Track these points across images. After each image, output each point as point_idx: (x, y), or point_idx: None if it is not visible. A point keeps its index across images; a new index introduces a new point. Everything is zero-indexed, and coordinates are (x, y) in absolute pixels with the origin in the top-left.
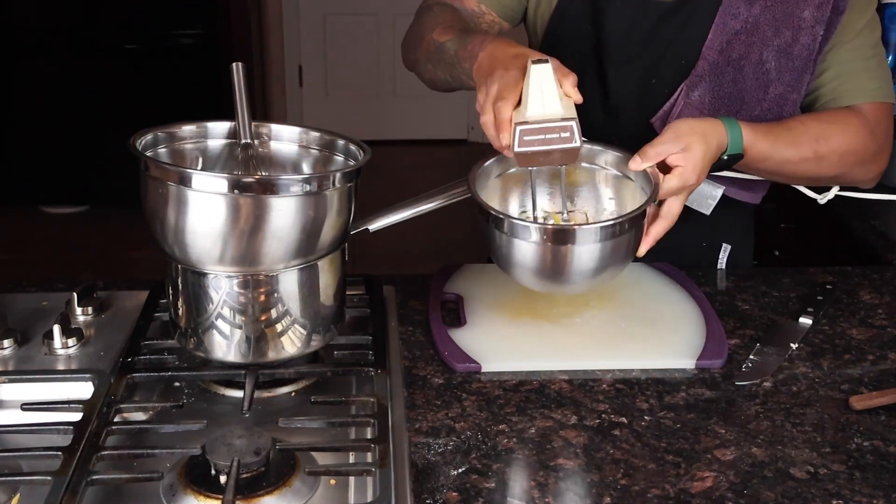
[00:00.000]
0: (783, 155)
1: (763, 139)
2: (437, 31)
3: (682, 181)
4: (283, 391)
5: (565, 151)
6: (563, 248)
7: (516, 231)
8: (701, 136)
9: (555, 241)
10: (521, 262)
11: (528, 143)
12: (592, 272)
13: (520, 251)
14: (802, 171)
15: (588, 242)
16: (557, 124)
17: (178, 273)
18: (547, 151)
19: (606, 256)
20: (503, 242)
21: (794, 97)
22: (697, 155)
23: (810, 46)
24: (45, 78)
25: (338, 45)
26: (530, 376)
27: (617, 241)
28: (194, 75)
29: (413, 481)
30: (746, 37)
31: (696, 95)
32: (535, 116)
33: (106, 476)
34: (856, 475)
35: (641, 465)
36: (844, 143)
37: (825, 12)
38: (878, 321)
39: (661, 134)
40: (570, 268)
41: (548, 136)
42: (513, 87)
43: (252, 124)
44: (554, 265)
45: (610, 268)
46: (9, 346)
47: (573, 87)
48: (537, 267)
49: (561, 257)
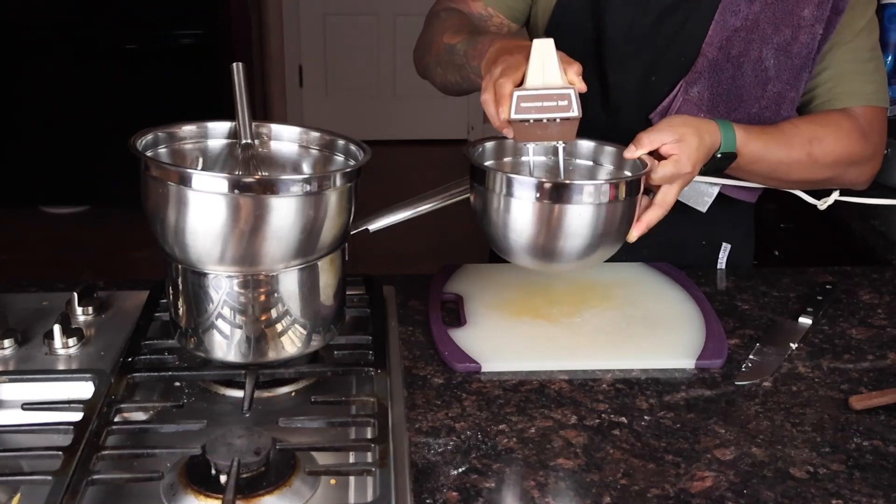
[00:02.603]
0: (776, 156)
1: (756, 140)
2: (447, 35)
3: (678, 168)
4: (283, 391)
5: (563, 124)
6: (557, 207)
7: (512, 187)
8: (695, 128)
9: (551, 196)
10: (515, 227)
11: (525, 109)
12: (586, 241)
13: (514, 210)
14: (796, 174)
15: (583, 202)
16: (555, 92)
17: (178, 273)
18: (544, 124)
19: (600, 223)
20: (497, 204)
21: (792, 95)
22: (692, 145)
23: (809, 45)
24: (45, 78)
25: (338, 45)
26: (530, 376)
27: (611, 208)
28: (194, 75)
29: (413, 481)
30: (746, 34)
31: (694, 92)
32: (535, 85)
33: (106, 476)
34: (855, 475)
35: (641, 464)
36: (837, 145)
37: (825, 11)
38: (878, 321)
39: (655, 125)
40: (564, 231)
41: (545, 104)
42: (515, 67)
43: (252, 124)
44: (549, 227)
45: (602, 240)
46: (9, 346)
47: (577, 75)
48: (532, 231)
49: (556, 216)
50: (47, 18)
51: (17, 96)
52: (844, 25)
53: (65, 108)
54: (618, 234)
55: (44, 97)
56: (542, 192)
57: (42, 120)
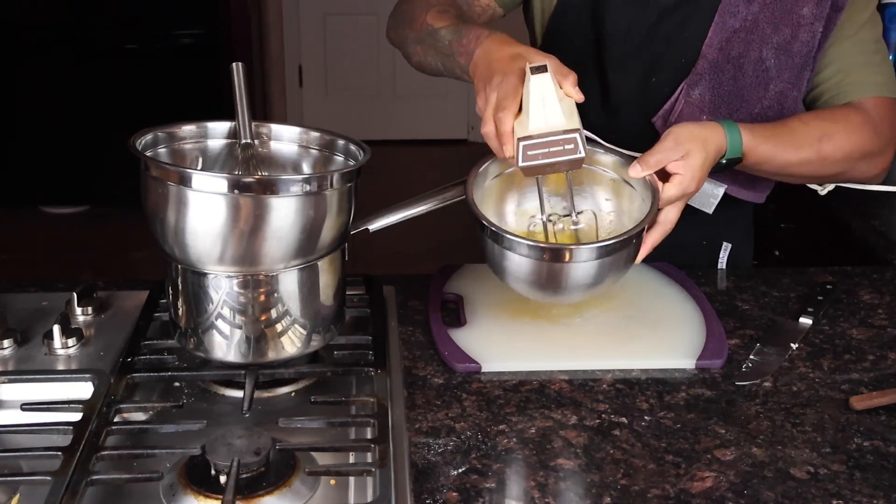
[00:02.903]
0: (785, 158)
1: (764, 142)
2: (432, 15)
3: (682, 189)
4: (283, 391)
5: (570, 161)
6: (558, 266)
7: (513, 247)
8: (701, 142)
9: (552, 259)
10: (517, 275)
11: (532, 156)
12: (588, 286)
13: (515, 265)
14: (808, 172)
15: (585, 260)
16: (561, 137)
17: (178, 273)
18: (552, 163)
19: (604, 271)
20: (499, 255)
21: (795, 94)
22: (697, 163)
23: (810, 43)
24: (46, 78)
25: (338, 45)
26: (530, 376)
27: (615, 257)
28: (194, 75)
29: (413, 481)
30: (746, 34)
31: (696, 94)
32: (538, 129)
33: (106, 476)
34: (856, 475)
35: (641, 465)
36: (848, 140)
37: (824, 9)
38: (879, 321)
39: (660, 140)
40: (566, 283)
41: (552, 150)
42: (512, 95)
43: (252, 124)
44: (550, 280)
45: (607, 280)
46: (9, 346)
47: (573, 86)
48: (533, 281)
49: (556, 273)
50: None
51: (17, 96)
52: (846, 20)
53: (65, 108)
54: (624, 268)
55: (44, 97)
56: (545, 254)
57: (42, 120)
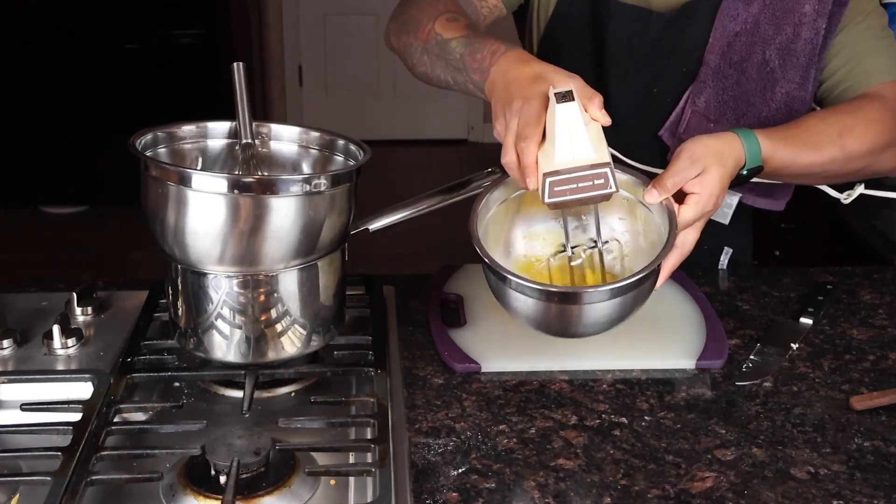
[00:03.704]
0: (806, 159)
1: (783, 146)
2: (441, 24)
3: (699, 210)
4: (282, 391)
5: (599, 197)
6: (571, 308)
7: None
8: (717, 157)
9: (562, 301)
10: (529, 316)
11: (560, 192)
12: (607, 324)
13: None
14: (831, 171)
15: (599, 301)
16: (590, 172)
17: (177, 273)
18: (579, 199)
19: (624, 308)
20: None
21: (802, 94)
22: (714, 180)
23: (813, 41)
24: (45, 78)
25: (338, 45)
26: (530, 376)
27: (633, 294)
28: (194, 75)
29: (413, 481)
30: (747, 37)
31: (701, 102)
32: (565, 164)
33: (106, 476)
34: (856, 475)
35: (641, 465)
36: (868, 132)
37: (827, 5)
38: (879, 321)
39: (674, 159)
40: (581, 323)
41: (580, 185)
42: (535, 122)
43: (252, 124)
44: (562, 322)
45: (625, 316)
46: (8, 346)
47: (600, 109)
48: (545, 323)
49: (570, 315)
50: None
51: (17, 96)
52: (852, 8)
53: (65, 108)
54: (642, 302)
55: (44, 97)
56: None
57: (42, 120)
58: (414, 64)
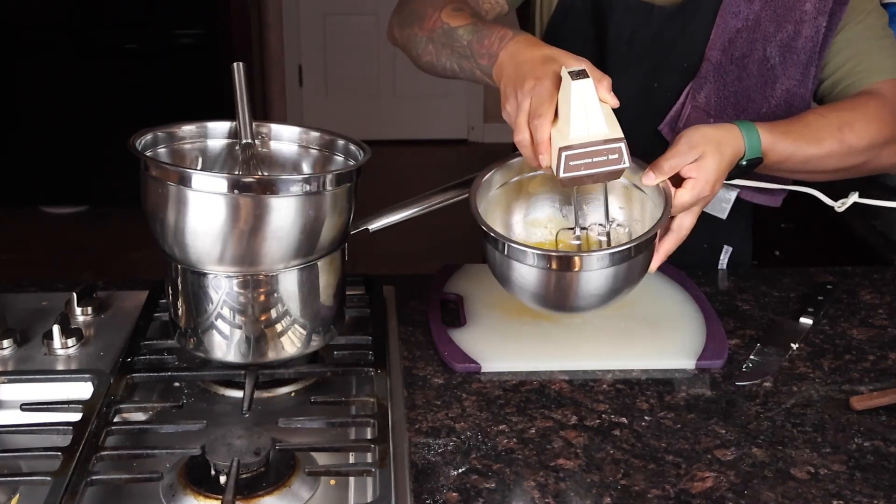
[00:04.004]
0: (806, 152)
1: (783, 139)
2: (447, 13)
3: (696, 194)
4: (282, 391)
5: (612, 172)
6: (568, 275)
7: (520, 257)
8: (715, 144)
9: (561, 267)
10: (526, 287)
11: (575, 167)
12: (601, 297)
13: (523, 276)
14: (831, 165)
15: (596, 268)
16: (604, 147)
17: (177, 273)
18: (593, 174)
19: (617, 281)
20: (507, 267)
21: (802, 92)
22: (711, 166)
23: (814, 39)
24: (45, 78)
25: (338, 45)
26: (530, 376)
27: (628, 265)
28: (194, 75)
29: (413, 481)
30: (748, 34)
31: (702, 97)
32: (580, 139)
33: (106, 476)
34: (856, 475)
35: (641, 465)
36: (869, 127)
37: (827, 3)
38: (879, 321)
39: (673, 144)
40: (576, 294)
41: (595, 160)
42: (548, 101)
43: (253, 124)
44: (558, 291)
45: (621, 291)
46: (8, 346)
47: (608, 91)
48: (541, 293)
49: (566, 284)
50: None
51: (17, 96)
52: (852, 9)
53: (65, 108)
54: (637, 278)
55: (44, 97)
56: (554, 262)
57: (42, 120)
58: (419, 54)
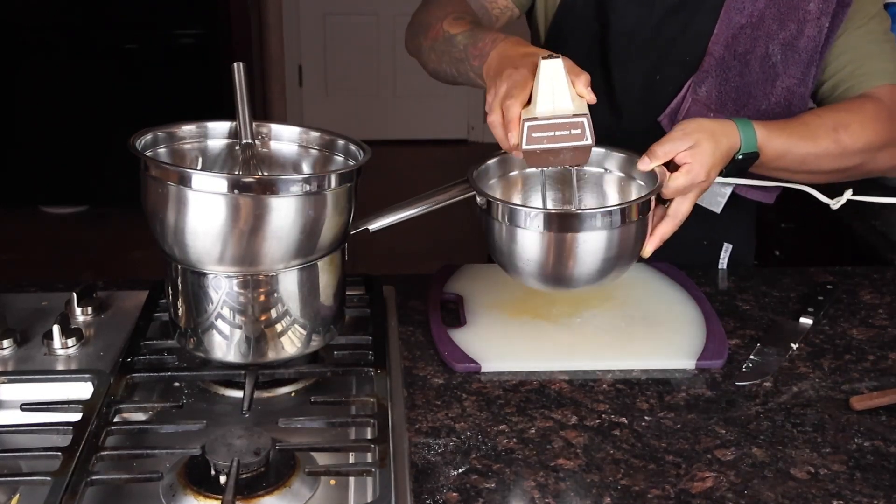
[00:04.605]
0: (801, 149)
1: (778, 135)
2: (448, 22)
3: (691, 178)
4: (282, 391)
5: (576, 150)
6: (567, 237)
7: (518, 219)
8: (710, 133)
9: (559, 228)
10: (524, 255)
11: (537, 139)
12: (597, 266)
13: (522, 242)
14: (825, 165)
15: (592, 229)
16: (568, 120)
17: (178, 273)
18: (556, 150)
19: (613, 247)
20: (504, 234)
21: (802, 90)
22: (706, 152)
23: (816, 38)
24: (45, 78)
25: (338, 45)
26: (530, 376)
27: (623, 231)
28: (194, 75)
29: (413, 481)
30: (752, 31)
31: (703, 91)
32: (545, 113)
33: (106, 476)
34: (856, 475)
35: (641, 465)
36: (865, 129)
37: (831, 4)
38: (879, 321)
39: (669, 132)
40: (575, 259)
41: (557, 133)
42: (522, 85)
43: (253, 124)
44: (558, 256)
45: (616, 263)
46: (8, 346)
47: (586, 86)
48: (541, 259)
49: (565, 246)
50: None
51: (17, 96)
52: (856, 10)
53: (65, 108)
54: (632, 253)
55: (44, 97)
56: (551, 222)
57: (42, 120)
58: (425, 62)
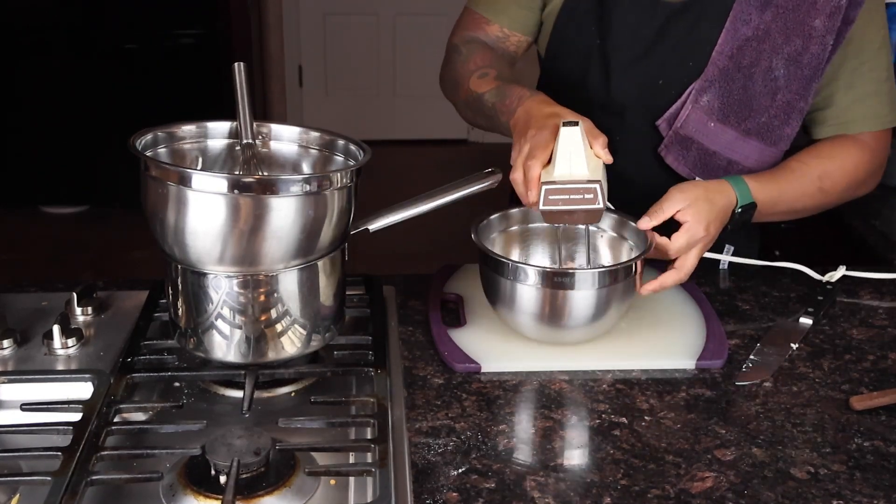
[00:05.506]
0: (790, 196)
1: (768, 186)
2: (474, 81)
3: (690, 236)
4: (282, 391)
5: (588, 212)
6: (560, 293)
7: (518, 275)
8: (704, 191)
9: (553, 285)
10: (522, 307)
11: (553, 201)
12: (588, 319)
13: (521, 295)
14: (811, 206)
15: (585, 288)
16: (582, 185)
17: (178, 273)
18: (571, 211)
19: (601, 302)
20: (505, 288)
21: (801, 105)
22: (702, 209)
23: (819, 55)
24: (46, 78)
25: (338, 45)
26: (530, 376)
27: (608, 290)
28: (194, 75)
29: (413, 481)
30: (757, 44)
31: (704, 100)
32: (562, 176)
33: (106, 476)
34: (856, 475)
35: (641, 465)
36: (846, 175)
37: (836, 22)
38: (879, 321)
39: (666, 194)
40: (569, 313)
41: (572, 197)
42: (543, 147)
43: (253, 124)
44: (553, 310)
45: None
46: (8, 347)
47: (603, 148)
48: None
49: (559, 301)
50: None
51: (17, 96)
52: (860, 40)
53: (65, 108)
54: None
55: (44, 97)
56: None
57: (42, 120)
58: (463, 115)
